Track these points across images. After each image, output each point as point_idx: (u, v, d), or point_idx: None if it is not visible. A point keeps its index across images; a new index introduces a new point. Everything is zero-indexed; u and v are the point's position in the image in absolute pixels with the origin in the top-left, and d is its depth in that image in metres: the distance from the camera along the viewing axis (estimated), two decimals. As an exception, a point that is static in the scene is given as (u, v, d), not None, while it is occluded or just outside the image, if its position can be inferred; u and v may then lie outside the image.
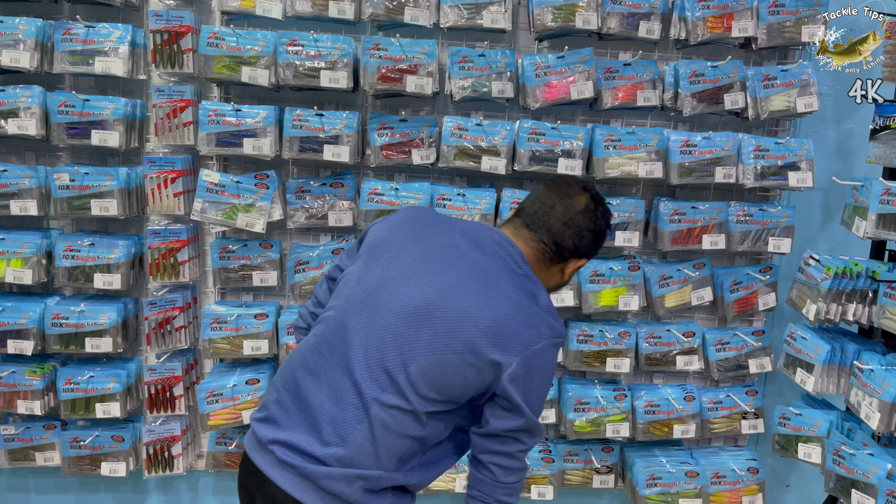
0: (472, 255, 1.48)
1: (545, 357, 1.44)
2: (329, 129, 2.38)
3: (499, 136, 2.40)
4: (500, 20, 2.37)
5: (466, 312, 1.40)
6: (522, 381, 1.41)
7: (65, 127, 2.33)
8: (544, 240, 1.55)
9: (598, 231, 1.58)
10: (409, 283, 1.44)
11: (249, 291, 2.64)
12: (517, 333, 1.41)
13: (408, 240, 1.52)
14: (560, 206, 1.56)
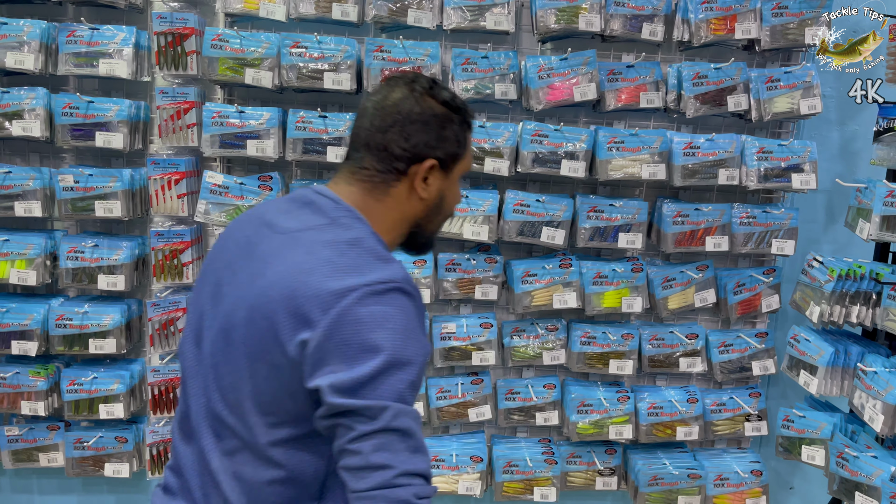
0: (266, 240, 1.20)
1: (365, 312, 1.08)
2: (332, 131, 2.38)
3: (502, 138, 2.40)
4: (504, 22, 2.37)
5: (261, 300, 1.14)
6: (335, 351, 1.07)
7: (69, 128, 2.34)
8: (366, 162, 1.22)
9: (428, 113, 1.22)
10: (215, 308, 1.22)
11: (253, 293, 2.64)
12: (317, 296, 1.09)
13: (207, 269, 1.29)
14: (372, 110, 1.23)
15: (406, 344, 1.10)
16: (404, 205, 1.26)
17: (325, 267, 1.12)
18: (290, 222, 1.21)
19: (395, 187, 1.24)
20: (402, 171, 1.23)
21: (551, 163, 2.40)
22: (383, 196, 1.24)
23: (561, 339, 2.60)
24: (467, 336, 2.55)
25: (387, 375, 1.08)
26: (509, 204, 2.44)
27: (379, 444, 1.06)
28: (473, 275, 2.53)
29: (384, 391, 1.07)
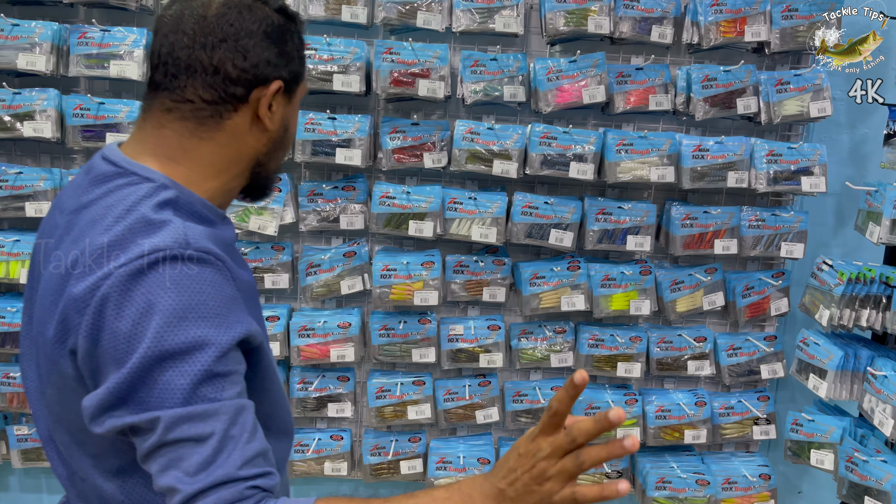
0: (52, 229, 1.03)
1: (122, 302, 0.87)
2: (341, 133, 2.39)
3: (510, 140, 2.40)
4: (513, 24, 2.38)
5: (38, 309, 0.98)
6: (103, 359, 0.88)
7: (80, 130, 2.35)
8: (189, 92, 0.97)
9: (266, 23, 0.99)
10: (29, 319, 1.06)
11: (261, 294, 2.65)
12: (71, 295, 0.89)
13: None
14: (191, 21, 0.96)
15: (182, 326, 0.87)
16: (242, 140, 1.02)
17: (85, 257, 0.90)
18: (71, 201, 1.00)
19: (230, 120, 0.99)
20: (240, 99, 0.99)
21: (560, 165, 2.40)
22: (213, 133, 0.99)
23: (569, 341, 2.60)
24: (475, 338, 2.55)
25: (152, 377, 0.86)
26: (517, 206, 2.44)
27: (163, 465, 0.87)
28: (481, 277, 2.54)
29: (151, 398, 0.86)
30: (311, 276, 2.52)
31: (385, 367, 2.68)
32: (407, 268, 2.47)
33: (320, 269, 2.52)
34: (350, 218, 2.50)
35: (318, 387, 2.57)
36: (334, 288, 2.54)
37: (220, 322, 0.90)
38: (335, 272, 2.53)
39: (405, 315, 2.56)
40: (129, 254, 0.88)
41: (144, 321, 0.86)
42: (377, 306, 2.53)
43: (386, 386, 2.56)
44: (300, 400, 2.57)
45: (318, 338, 2.50)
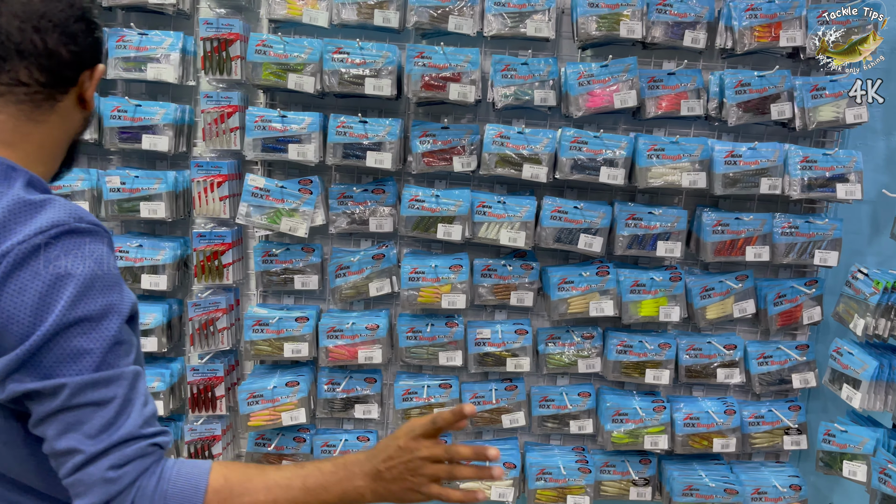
0: None
1: (35, 270, 0.90)
2: (372, 136, 2.41)
3: (540, 145, 2.40)
4: (544, 29, 2.38)
5: None
6: (9, 327, 0.89)
7: (117, 131, 2.40)
8: (22, 75, 0.97)
9: (84, 9, 1.03)
10: None
11: (290, 295, 2.68)
12: None
13: None
14: (17, 5, 0.96)
15: (91, 295, 0.91)
16: (69, 121, 1.05)
17: None
18: None
19: (61, 102, 1.02)
20: (71, 82, 1.02)
21: (590, 170, 2.39)
22: (47, 115, 1.01)
23: (597, 347, 2.59)
24: (502, 342, 2.55)
25: (59, 345, 0.89)
26: (547, 210, 2.43)
27: (60, 428, 0.90)
28: (509, 281, 2.53)
29: (59, 366, 0.90)
30: (340, 278, 2.54)
31: (412, 369, 2.69)
32: (435, 271, 2.48)
33: (349, 271, 2.54)
34: (379, 220, 2.51)
35: (346, 388, 2.59)
36: (363, 290, 2.55)
37: (120, 290, 0.96)
38: (364, 274, 2.54)
39: (432, 318, 2.57)
40: (27, 230, 0.90)
41: (54, 292, 0.89)
42: (405, 309, 2.54)
43: (413, 388, 2.57)
44: (327, 401, 2.59)
45: (346, 339, 2.52)
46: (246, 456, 2.65)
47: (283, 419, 2.50)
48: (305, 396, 2.52)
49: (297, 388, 2.51)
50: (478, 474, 1.09)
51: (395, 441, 1.07)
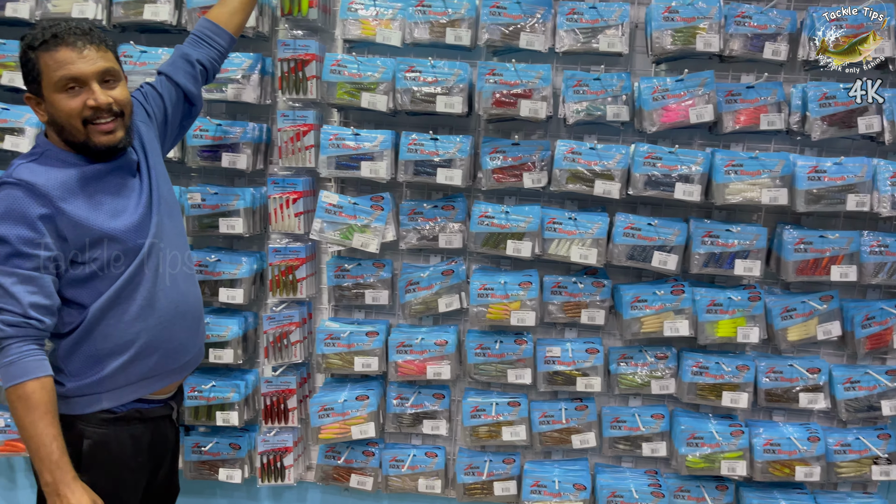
0: None
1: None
2: (443, 153, 2.42)
3: (613, 160, 2.36)
4: (617, 44, 2.35)
5: None
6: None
7: (199, 150, 2.50)
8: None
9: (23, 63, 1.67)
10: None
11: (361, 309, 2.72)
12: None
13: None
14: None
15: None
16: (49, 128, 1.73)
17: None
18: None
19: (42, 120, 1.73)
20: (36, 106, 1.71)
21: (664, 186, 2.34)
22: (49, 129, 1.74)
23: (671, 367, 2.52)
24: (572, 360, 2.51)
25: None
26: (619, 227, 2.39)
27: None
28: (580, 298, 2.50)
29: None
30: (410, 294, 2.56)
31: (480, 386, 2.67)
32: (504, 287, 2.46)
33: (419, 286, 2.56)
34: (449, 237, 2.52)
35: (415, 403, 2.60)
36: (432, 305, 2.56)
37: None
38: (433, 290, 2.55)
39: (501, 335, 2.55)
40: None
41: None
42: (474, 325, 2.54)
43: (481, 405, 2.56)
44: (396, 415, 2.61)
45: (415, 354, 2.53)
46: (316, 469, 2.69)
47: (353, 433, 2.53)
48: (375, 411, 2.54)
49: (366, 402, 2.53)
50: None
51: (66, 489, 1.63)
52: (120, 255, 1.72)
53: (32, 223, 1.60)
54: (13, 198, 1.60)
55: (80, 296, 1.70)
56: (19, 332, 1.60)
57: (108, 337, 1.73)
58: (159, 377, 1.84)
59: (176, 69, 2.04)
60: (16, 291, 1.59)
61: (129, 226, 1.73)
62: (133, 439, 1.80)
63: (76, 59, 1.64)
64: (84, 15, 2.43)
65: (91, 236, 1.67)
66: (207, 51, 2.10)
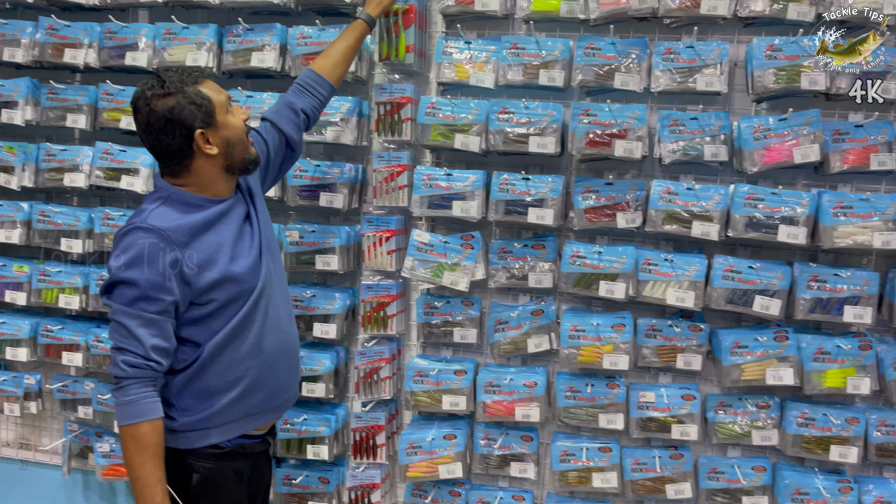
0: None
1: (118, 240, 1.72)
2: (535, 193, 2.42)
3: (712, 201, 2.30)
4: (715, 83, 2.31)
5: None
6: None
7: (298, 189, 2.59)
8: (160, 165, 1.81)
9: (162, 113, 1.69)
10: None
11: (449, 347, 2.72)
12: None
13: None
14: (140, 132, 1.76)
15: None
16: (208, 165, 1.78)
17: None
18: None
19: (184, 164, 1.77)
20: (187, 154, 1.75)
21: (767, 228, 2.26)
22: (188, 173, 1.79)
23: (773, 417, 2.40)
24: (667, 407, 2.43)
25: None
26: (718, 270, 2.32)
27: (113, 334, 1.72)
28: (675, 342, 2.42)
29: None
30: (499, 333, 2.55)
31: (570, 429, 2.62)
32: (597, 329, 2.42)
33: (508, 326, 2.54)
34: (539, 276, 2.50)
35: (502, 445, 2.57)
36: (521, 346, 2.54)
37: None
38: (522, 330, 2.54)
39: (592, 378, 2.50)
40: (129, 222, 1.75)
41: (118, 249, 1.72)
42: (564, 367, 2.50)
43: (570, 450, 2.50)
44: (483, 456, 2.58)
45: (503, 395, 2.51)
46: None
47: (440, 472, 2.52)
48: (462, 451, 2.53)
49: (454, 442, 2.52)
50: None
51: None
52: (236, 295, 1.78)
53: (161, 268, 1.67)
54: (145, 243, 1.67)
55: (195, 334, 1.77)
56: (139, 374, 1.68)
57: (219, 374, 1.79)
58: (263, 414, 1.89)
59: (281, 116, 2.14)
60: (140, 334, 1.66)
61: (247, 268, 1.80)
62: (236, 474, 1.85)
63: (216, 87, 1.80)
64: (197, 63, 2.59)
65: (213, 279, 1.74)
66: (310, 100, 2.19)
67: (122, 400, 1.67)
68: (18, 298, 2.84)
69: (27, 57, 2.77)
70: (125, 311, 1.67)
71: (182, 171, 1.78)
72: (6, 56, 2.77)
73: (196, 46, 2.60)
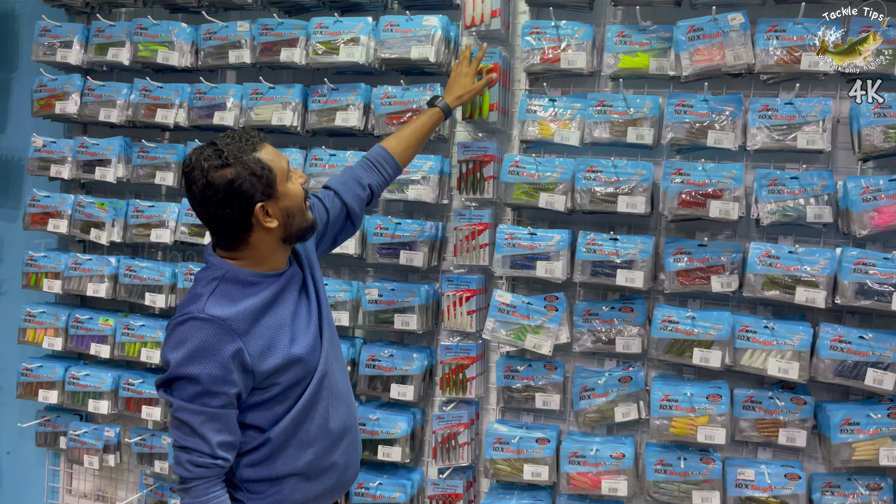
0: None
1: (173, 329, 1.60)
2: (623, 254, 2.33)
3: (817, 266, 2.16)
4: (818, 141, 2.19)
5: None
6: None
7: (378, 247, 2.57)
8: (213, 238, 1.69)
9: (223, 184, 1.56)
10: None
11: (530, 412, 2.61)
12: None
13: None
14: (197, 207, 1.63)
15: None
16: (263, 239, 1.66)
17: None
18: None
19: (243, 237, 1.65)
20: (245, 228, 1.63)
21: (879, 295, 2.10)
22: (245, 246, 1.66)
23: (886, 500, 2.19)
24: (768, 486, 2.25)
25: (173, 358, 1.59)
26: (825, 339, 2.16)
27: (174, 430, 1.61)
28: (777, 416, 2.26)
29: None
30: (585, 401, 2.43)
31: (659, 505, 2.45)
32: (690, 400, 2.28)
33: (594, 393, 2.42)
34: (627, 341, 2.39)
35: (587, 519, 2.42)
36: (608, 414, 2.42)
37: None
38: (609, 397, 2.41)
39: (685, 451, 2.35)
40: (183, 309, 1.63)
41: (175, 340, 1.60)
42: (654, 438, 2.35)
43: (661, 528, 2.34)
44: (566, 531, 2.44)
45: (588, 466, 2.38)
46: (478, 580, 2.55)
47: (521, 547, 2.39)
48: (544, 524, 2.40)
49: (536, 515, 2.39)
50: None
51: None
52: (300, 377, 1.69)
53: (223, 361, 1.55)
54: (205, 335, 1.55)
55: (258, 419, 1.67)
56: (206, 473, 1.58)
57: (288, 458, 1.70)
58: (330, 493, 1.81)
59: (347, 189, 2.04)
60: (204, 431, 1.55)
61: (308, 346, 1.70)
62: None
63: (274, 151, 1.67)
64: (282, 122, 2.63)
65: (275, 364, 1.64)
66: (377, 177, 2.11)
67: (188, 502, 1.58)
68: (102, 351, 2.89)
69: (121, 117, 2.87)
70: (187, 408, 1.55)
71: (238, 244, 1.65)
72: (102, 116, 2.88)
73: (282, 106, 2.64)
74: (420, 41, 2.48)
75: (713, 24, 2.25)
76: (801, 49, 2.20)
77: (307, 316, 1.75)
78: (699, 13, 2.32)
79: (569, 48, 2.41)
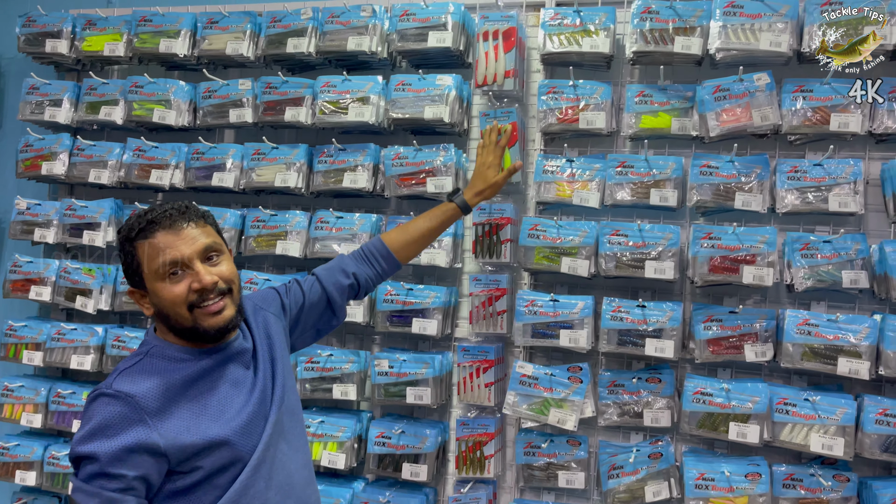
0: None
1: (85, 407, 1.48)
2: (652, 322, 2.21)
3: (859, 335, 2.05)
4: (851, 203, 2.11)
5: None
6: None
7: (388, 314, 2.42)
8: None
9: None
10: None
11: (551, 491, 2.44)
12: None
13: None
14: None
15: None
16: (156, 320, 1.57)
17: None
18: None
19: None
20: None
21: (926, 365, 1.99)
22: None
23: (940, 586, 2.04)
24: (815, 571, 2.09)
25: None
26: (870, 413, 2.04)
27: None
28: (819, 494, 2.11)
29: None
30: (614, 480, 2.27)
31: None
32: (728, 479, 2.13)
33: (623, 471, 2.26)
34: (655, 414, 2.25)
35: None
36: (637, 494, 2.25)
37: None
38: (639, 475, 2.25)
39: (722, 533, 2.19)
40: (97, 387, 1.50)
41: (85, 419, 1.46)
42: (689, 520, 2.19)
43: None
44: None
45: (619, 551, 2.20)
46: None
47: None
48: None
49: None
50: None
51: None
52: (228, 462, 1.48)
53: (124, 440, 1.40)
54: (109, 412, 1.41)
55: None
56: None
57: None
58: None
59: (329, 275, 1.85)
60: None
61: (236, 429, 1.50)
62: None
63: (175, 241, 1.48)
64: (286, 184, 2.50)
65: (193, 445, 1.44)
66: (368, 269, 1.91)
67: None
68: (85, 428, 2.67)
69: (113, 178, 2.72)
70: (83, 489, 1.39)
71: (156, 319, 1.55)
72: (92, 177, 2.73)
73: (285, 167, 2.52)
74: (434, 101, 2.39)
75: (739, 84, 2.19)
76: (829, 109, 2.14)
77: (247, 395, 1.55)
78: (720, 73, 2.26)
79: (587, 108, 2.33)
